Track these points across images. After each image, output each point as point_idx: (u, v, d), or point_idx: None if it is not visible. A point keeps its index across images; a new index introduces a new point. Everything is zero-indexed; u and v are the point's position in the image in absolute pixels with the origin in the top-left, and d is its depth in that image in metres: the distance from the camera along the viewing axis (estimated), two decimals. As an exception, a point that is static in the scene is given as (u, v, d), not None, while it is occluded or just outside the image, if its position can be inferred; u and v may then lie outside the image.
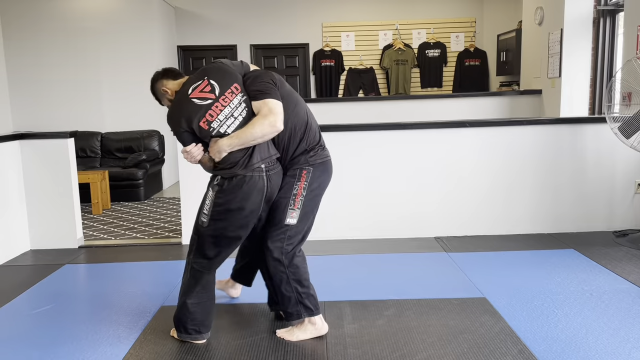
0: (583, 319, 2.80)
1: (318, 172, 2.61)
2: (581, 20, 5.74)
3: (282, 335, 2.68)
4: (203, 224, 2.54)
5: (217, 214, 2.49)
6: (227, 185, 2.46)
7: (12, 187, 4.22)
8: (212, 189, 2.53)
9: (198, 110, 2.47)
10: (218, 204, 2.49)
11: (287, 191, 2.57)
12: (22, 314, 3.08)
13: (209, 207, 2.52)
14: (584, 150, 4.39)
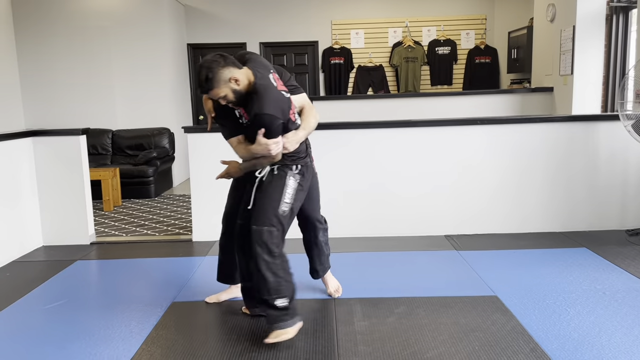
0: (596, 317, 2.78)
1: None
2: (594, 17, 5.69)
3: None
4: (284, 213, 2.58)
5: (296, 200, 2.64)
6: (306, 172, 2.68)
7: (25, 183, 4.26)
8: (293, 178, 2.63)
9: (288, 102, 2.55)
10: (299, 190, 2.65)
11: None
12: (35, 309, 3.11)
13: (291, 195, 2.61)
14: (597, 148, 4.35)
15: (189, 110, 8.26)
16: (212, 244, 4.30)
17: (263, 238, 2.50)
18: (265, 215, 2.53)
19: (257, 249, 2.50)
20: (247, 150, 2.56)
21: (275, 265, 2.51)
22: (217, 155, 4.31)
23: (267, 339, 2.51)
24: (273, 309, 2.53)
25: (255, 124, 2.43)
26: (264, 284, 2.51)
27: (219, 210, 4.35)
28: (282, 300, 2.52)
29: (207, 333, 2.74)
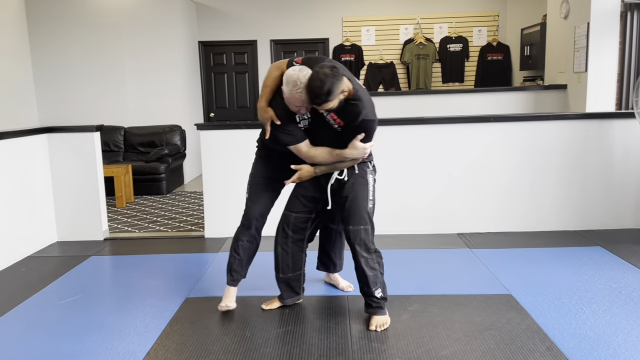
0: (612, 316, 2.75)
1: None
2: (608, 13, 5.63)
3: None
4: (371, 210, 2.74)
5: (375, 195, 2.80)
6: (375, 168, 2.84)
7: (39, 180, 4.29)
8: (371, 175, 2.77)
9: None
10: (375, 185, 2.81)
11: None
12: (50, 304, 3.13)
13: (372, 192, 2.75)
14: (612, 146, 4.31)
15: (200, 108, 8.29)
16: (225, 241, 4.32)
17: (361, 237, 2.69)
18: (360, 215, 2.69)
19: (357, 248, 2.69)
20: (332, 155, 2.66)
21: (372, 260, 2.72)
22: (229, 152, 4.35)
23: (371, 327, 2.70)
24: (373, 299, 2.74)
25: (359, 129, 2.59)
26: (364, 277, 2.72)
27: (231, 207, 4.39)
28: (379, 290, 2.74)
29: (221, 328, 2.75)
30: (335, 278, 3.26)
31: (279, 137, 2.70)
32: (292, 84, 2.53)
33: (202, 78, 8.33)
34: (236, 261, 2.95)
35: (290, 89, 2.54)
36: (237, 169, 4.35)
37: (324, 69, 2.43)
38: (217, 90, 8.43)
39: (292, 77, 2.54)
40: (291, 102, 2.58)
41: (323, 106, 2.49)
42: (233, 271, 2.96)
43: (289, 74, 2.57)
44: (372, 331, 2.68)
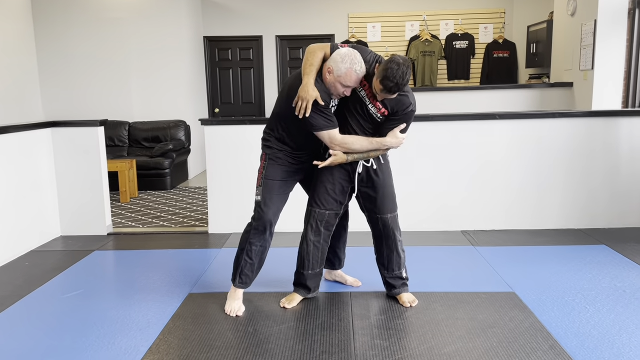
0: (616, 315, 2.74)
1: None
2: (615, 10, 5.58)
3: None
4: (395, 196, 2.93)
5: None
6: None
7: (43, 174, 4.30)
8: (389, 163, 2.91)
9: None
10: None
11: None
12: (54, 298, 3.14)
13: (392, 178, 2.92)
14: (618, 144, 4.28)
15: (205, 103, 8.28)
16: (228, 236, 4.32)
17: (397, 222, 2.91)
18: (393, 202, 2.88)
19: (395, 233, 2.90)
20: (370, 142, 2.70)
21: (401, 243, 2.96)
22: (233, 148, 4.34)
23: (405, 304, 2.92)
24: (402, 279, 2.98)
25: (404, 119, 2.70)
26: (397, 260, 2.94)
27: (235, 202, 4.39)
28: (404, 271, 2.99)
29: (223, 324, 2.75)
30: (340, 274, 3.25)
31: (316, 120, 2.62)
32: (350, 61, 2.54)
33: (207, 73, 8.33)
34: (247, 265, 2.88)
35: (348, 66, 2.54)
36: (242, 164, 4.35)
37: (400, 57, 2.50)
38: (222, 86, 8.42)
39: (349, 54, 2.56)
40: (343, 81, 2.56)
41: (391, 94, 2.54)
42: (243, 274, 2.89)
43: (343, 52, 2.57)
44: (407, 307, 2.89)
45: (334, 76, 2.58)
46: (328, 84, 2.62)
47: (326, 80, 2.62)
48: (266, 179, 2.82)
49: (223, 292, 3.14)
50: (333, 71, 2.58)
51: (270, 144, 2.83)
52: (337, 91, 2.62)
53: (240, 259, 2.89)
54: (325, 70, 2.62)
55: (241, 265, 2.88)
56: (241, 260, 2.88)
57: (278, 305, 2.96)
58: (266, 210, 2.81)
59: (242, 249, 2.88)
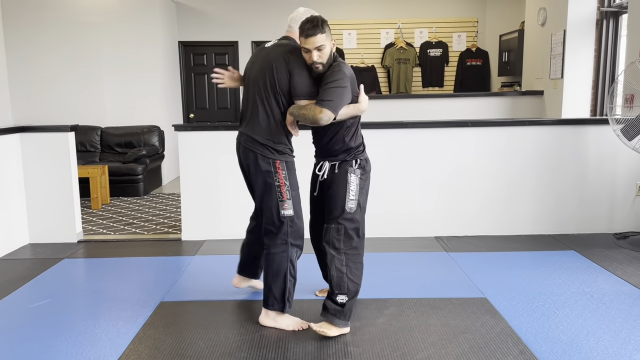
0: (584, 320, 2.79)
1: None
2: (584, 21, 5.73)
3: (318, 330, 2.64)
4: (352, 210, 2.66)
5: (363, 193, 2.71)
6: (366, 166, 2.74)
7: (12, 180, 4.20)
8: (354, 174, 2.68)
9: None
10: (363, 184, 2.71)
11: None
12: (21, 307, 3.06)
13: (355, 192, 2.68)
14: (586, 151, 4.38)
15: (179, 108, 8.21)
16: (202, 244, 4.28)
17: (330, 234, 2.65)
18: (331, 213, 2.67)
19: (325, 245, 2.67)
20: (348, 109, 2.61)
21: (339, 260, 2.64)
22: (207, 154, 4.31)
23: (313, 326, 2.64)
24: (330, 302, 2.64)
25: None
26: (333, 278, 2.63)
27: (209, 209, 4.35)
28: (343, 297, 2.62)
29: (195, 333, 2.71)
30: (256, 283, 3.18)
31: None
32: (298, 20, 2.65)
33: (182, 78, 8.26)
34: (293, 285, 2.73)
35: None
36: (216, 171, 4.31)
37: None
38: (197, 91, 8.36)
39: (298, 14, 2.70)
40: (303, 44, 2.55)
41: (315, 40, 2.47)
42: (291, 297, 2.73)
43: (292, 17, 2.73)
44: (313, 330, 2.61)
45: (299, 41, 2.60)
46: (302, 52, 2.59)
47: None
48: (293, 190, 2.67)
49: (196, 301, 3.10)
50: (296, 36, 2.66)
51: (281, 146, 2.65)
52: (308, 60, 2.56)
53: (285, 282, 2.67)
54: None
55: (288, 288, 2.68)
56: (287, 283, 2.67)
57: (252, 313, 2.94)
58: (301, 224, 2.70)
59: (284, 271, 2.66)
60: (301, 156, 3.02)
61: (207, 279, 3.46)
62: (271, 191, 2.64)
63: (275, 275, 2.67)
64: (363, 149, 2.76)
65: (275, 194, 2.63)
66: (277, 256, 2.66)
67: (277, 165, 2.62)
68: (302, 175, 2.88)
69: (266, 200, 2.66)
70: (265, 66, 2.61)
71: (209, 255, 3.98)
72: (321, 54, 2.52)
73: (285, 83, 2.58)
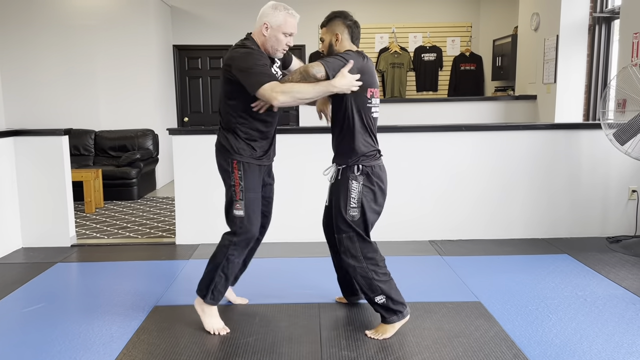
0: (577, 323, 2.80)
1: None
2: (577, 26, 5.78)
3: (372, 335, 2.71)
4: (354, 218, 2.64)
5: (368, 201, 2.65)
6: (372, 174, 2.65)
7: (5, 184, 4.18)
8: (355, 180, 2.62)
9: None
10: (367, 192, 2.64)
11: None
12: (14, 312, 3.04)
13: (357, 199, 2.63)
14: (579, 156, 4.41)
15: (173, 112, 8.20)
16: (196, 248, 4.27)
17: (344, 245, 2.68)
18: (337, 223, 2.68)
19: (343, 257, 2.71)
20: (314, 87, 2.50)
21: (361, 268, 2.68)
22: (201, 158, 4.30)
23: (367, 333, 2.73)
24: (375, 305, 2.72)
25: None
26: (359, 286, 2.72)
27: (203, 213, 4.35)
28: (380, 297, 2.66)
29: (189, 338, 2.70)
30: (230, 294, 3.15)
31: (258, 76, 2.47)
32: (283, 7, 2.59)
33: (177, 82, 8.25)
34: (222, 281, 2.73)
35: (284, 12, 2.58)
36: (210, 175, 4.30)
37: None
38: (192, 95, 8.35)
39: (278, 3, 2.62)
40: (285, 29, 2.57)
41: (321, 31, 2.62)
42: (216, 291, 2.74)
43: (271, 3, 2.63)
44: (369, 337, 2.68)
45: (274, 28, 2.57)
46: (268, 43, 2.60)
47: (265, 40, 2.60)
48: (247, 192, 2.66)
49: (190, 305, 3.09)
50: (270, 24, 2.57)
51: (239, 146, 2.65)
52: (280, 45, 2.59)
53: (214, 275, 2.72)
54: (261, 30, 2.60)
55: (215, 282, 2.72)
56: (215, 277, 2.71)
57: (246, 318, 2.93)
58: (250, 227, 2.68)
59: (218, 265, 2.71)
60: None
61: (202, 283, 3.45)
62: (228, 189, 2.72)
63: (211, 264, 2.76)
64: (372, 157, 2.66)
65: (231, 193, 2.70)
66: (219, 249, 2.74)
67: (233, 165, 2.66)
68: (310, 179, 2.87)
69: (226, 197, 2.76)
70: (222, 70, 2.68)
71: (203, 259, 3.93)
72: (322, 44, 2.71)
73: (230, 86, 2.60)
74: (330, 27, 2.64)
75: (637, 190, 4.43)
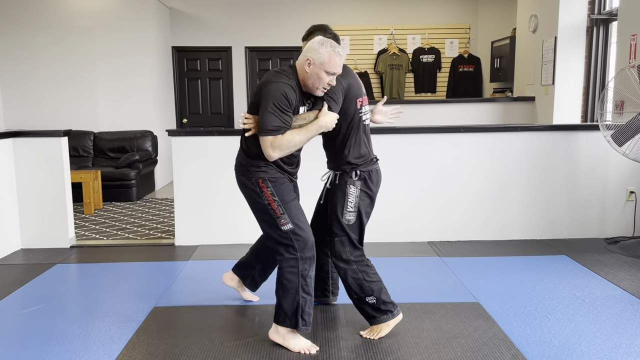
0: (575, 324, 2.81)
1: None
2: (575, 28, 5.80)
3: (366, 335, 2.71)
4: (350, 222, 2.66)
5: (365, 205, 2.67)
6: (370, 178, 2.68)
7: (4, 185, 4.18)
8: (353, 186, 2.64)
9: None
10: (365, 196, 2.66)
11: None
12: (13, 313, 3.04)
13: (354, 203, 2.65)
14: (577, 157, 4.42)
15: (173, 113, 8.20)
16: (195, 249, 4.27)
17: (335, 248, 2.69)
18: (331, 227, 2.69)
19: (334, 260, 2.73)
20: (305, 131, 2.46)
21: (352, 270, 2.70)
22: (200, 159, 4.31)
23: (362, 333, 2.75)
24: (365, 306, 2.73)
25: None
26: (347, 288, 2.73)
27: (202, 214, 4.35)
28: (371, 298, 2.68)
29: (189, 338, 2.71)
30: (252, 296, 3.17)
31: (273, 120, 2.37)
32: (330, 44, 2.40)
33: (176, 84, 8.26)
34: (307, 302, 2.54)
35: (329, 50, 2.38)
36: (209, 176, 4.32)
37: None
38: (191, 96, 8.36)
39: (326, 39, 2.43)
40: (328, 68, 2.38)
41: (302, 44, 2.57)
42: (306, 314, 2.54)
43: (318, 39, 2.43)
44: (364, 337, 2.69)
45: (317, 65, 2.38)
46: (310, 80, 2.42)
47: (306, 76, 2.42)
48: (285, 203, 2.51)
49: (189, 306, 3.10)
50: (314, 60, 2.38)
51: (261, 164, 2.53)
52: (322, 83, 2.41)
53: (296, 299, 2.51)
54: (304, 65, 2.41)
55: (301, 305, 2.52)
56: (299, 300, 2.51)
57: (245, 318, 2.94)
58: (305, 235, 2.52)
59: (296, 289, 2.51)
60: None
61: (201, 284, 3.45)
62: (264, 211, 2.54)
63: (286, 291, 2.53)
64: (368, 161, 2.69)
65: (269, 212, 2.52)
66: (287, 272, 2.52)
67: (259, 184, 2.52)
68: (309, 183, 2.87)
69: (263, 220, 2.57)
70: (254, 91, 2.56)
71: (203, 261, 3.98)
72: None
73: (254, 111, 2.50)
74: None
75: (635, 191, 4.45)
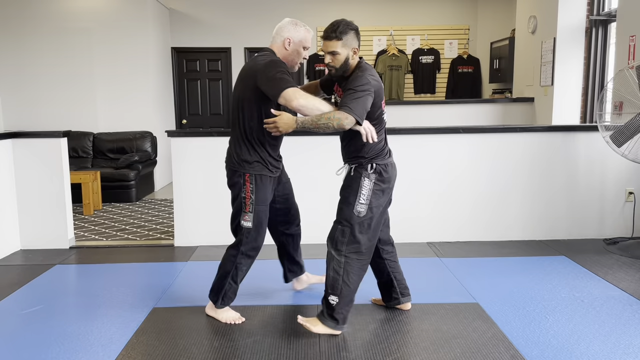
0: (574, 325, 2.82)
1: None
2: (574, 29, 5.81)
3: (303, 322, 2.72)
4: (361, 214, 2.64)
5: (377, 198, 2.67)
6: (385, 172, 2.69)
7: (3, 186, 4.18)
8: (368, 178, 2.65)
9: None
10: (378, 189, 2.67)
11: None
12: (12, 314, 3.04)
13: (367, 196, 2.65)
14: (576, 158, 4.43)
15: (172, 114, 8.21)
16: (195, 249, 4.27)
17: (334, 233, 2.68)
18: (339, 214, 2.70)
19: (327, 241, 2.72)
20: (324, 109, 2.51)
21: (336, 262, 2.66)
22: (200, 160, 4.31)
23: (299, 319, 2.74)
24: (323, 301, 2.70)
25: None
26: (329, 279, 2.69)
27: (202, 215, 4.35)
28: (334, 298, 2.65)
29: (188, 339, 2.71)
30: (308, 277, 3.26)
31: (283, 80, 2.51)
32: (300, 23, 2.74)
33: (175, 84, 8.26)
34: (232, 289, 2.86)
35: (302, 28, 2.73)
36: (209, 177, 4.32)
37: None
38: (190, 97, 8.37)
39: (293, 20, 2.76)
40: (305, 43, 2.72)
41: (330, 44, 2.54)
42: (227, 297, 2.88)
43: (287, 20, 2.76)
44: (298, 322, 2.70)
45: (296, 42, 2.71)
46: (290, 56, 2.72)
47: (287, 54, 2.71)
48: (257, 205, 2.73)
49: (189, 307, 3.10)
50: (293, 39, 2.71)
51: (252, 160, 2.71)
52: (300, 58, 2.74)
53: (224, 282, 2.84)
54: (284, 44, 2.71)
55: (225, 289, 2.85)
56: (225, 284, 2.84)
57: (245, 318, 2.94)
58: (257, 238, 2.80)
59: (227, 273, 2.82)
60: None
61: (200, 285, 3.44)
62: (236, 199, 2.78)
63: (220, 272, 2.85)
64: (384, 155, 2.71)
65: (240, 202, 2.75)
66: (227, 258, 2.83)
67: (246, 178, 2.72)
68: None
69: (234, 207, 2.81)
70: (239, 80, 2.72)
71: (202, 261, 3.98)
72: (334, 58, 2.59)
73: (251, 95, 2.63)
74: (347, 41, 2.56)
75: (633, 192, 4.45)
